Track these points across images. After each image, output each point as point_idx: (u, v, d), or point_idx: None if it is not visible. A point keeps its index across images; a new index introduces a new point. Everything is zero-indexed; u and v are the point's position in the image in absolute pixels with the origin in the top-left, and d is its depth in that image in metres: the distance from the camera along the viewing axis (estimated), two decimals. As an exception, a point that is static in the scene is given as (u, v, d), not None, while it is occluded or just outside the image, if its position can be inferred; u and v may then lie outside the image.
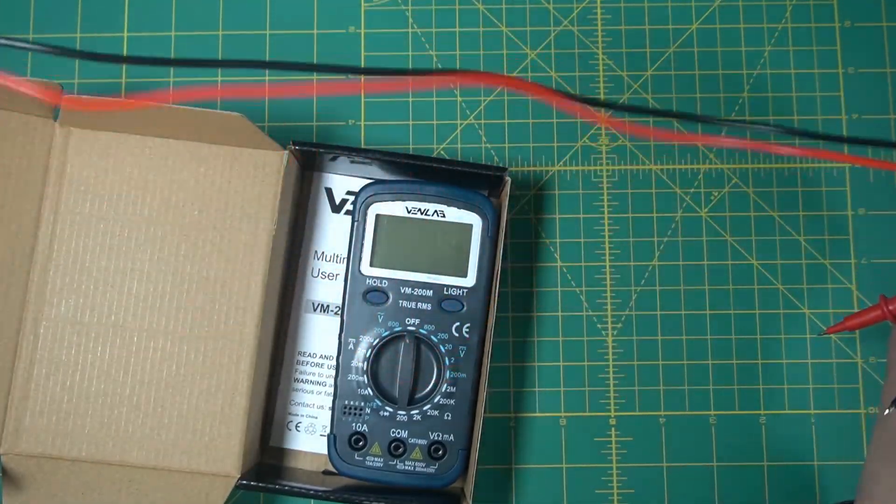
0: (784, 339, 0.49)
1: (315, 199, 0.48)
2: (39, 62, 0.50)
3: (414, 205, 0.45)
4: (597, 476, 0.48)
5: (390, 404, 0.44)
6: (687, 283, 0.49)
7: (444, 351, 0.44)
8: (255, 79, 0.50)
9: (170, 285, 0.44)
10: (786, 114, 0.50)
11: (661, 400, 0.48)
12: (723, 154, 0.50)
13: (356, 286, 0.45)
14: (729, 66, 0.51)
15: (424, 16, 0.51)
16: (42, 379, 0.44)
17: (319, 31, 0.51)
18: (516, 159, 0.50)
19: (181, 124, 0.43)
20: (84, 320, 0.44)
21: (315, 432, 0.47)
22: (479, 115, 0.50)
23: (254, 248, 0.44)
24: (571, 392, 0.48)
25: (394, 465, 0.44)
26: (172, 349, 0.44)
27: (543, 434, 0.48)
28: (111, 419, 0.43)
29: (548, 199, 0.50)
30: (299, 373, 0.47)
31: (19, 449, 0.43)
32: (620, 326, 0.49)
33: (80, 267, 0.44)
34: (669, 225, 0.50)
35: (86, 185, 0.45)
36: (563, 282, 0.49)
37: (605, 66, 0.51)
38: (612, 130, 0.50)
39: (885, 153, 0.50)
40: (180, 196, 0.45)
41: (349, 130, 0.50)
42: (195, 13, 0.51)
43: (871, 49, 0.51)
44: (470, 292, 0.45)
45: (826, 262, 0.49)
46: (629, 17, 0.51)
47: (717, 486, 0.48)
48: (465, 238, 0.45)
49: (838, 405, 0.48)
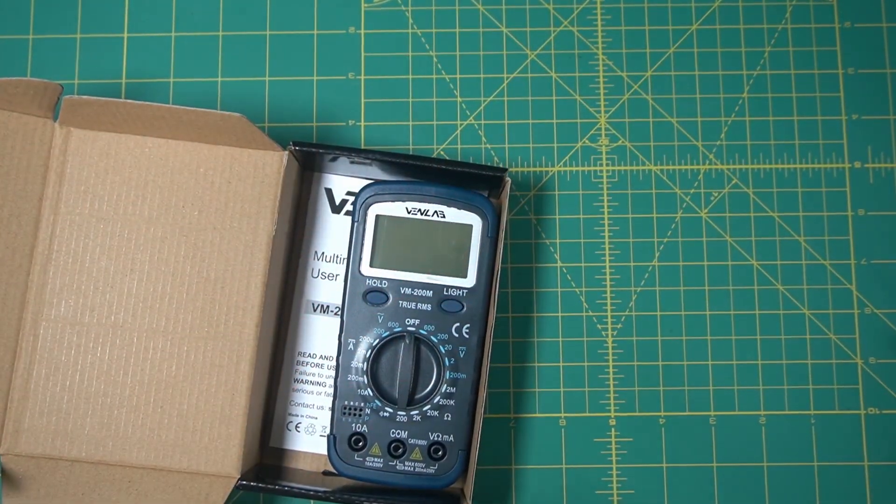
0: (784, 339, 0.49)
1: (315, 200, 0.48)
2: (39, 62, 0.50)
3: (414, 205, 0.45)
4: (597, 476, 0.48)
5: (390, 405, 0.44)
6: (687, 284, 0.49)
7: (443, 351, 0.44)
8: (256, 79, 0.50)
9: (170, 285, 0.44)
10: (786, 114, 0.50)
11: (661, 400, 0.48)
12: (723, 154, 0.50)
13: (356, 286, 0.45)
14: (729, 67, 0.51)
15: (424, 16, 0.51)
16: (42, 379, 0.44)
17: (319, 31, 0.51)
18: (516, 159, 0.50)
19: (181, 124, 0.43)
20: (84, 320, 0.44)
21: (315, 433, 0.47)
22: (479, 115, 0.50)
23: (253, 249, 0.44)
24: (571, 392, 0.48)
25: (393, 465, 0.44)
26: (172, 349, 0.44)
27: (543, 434, 0.48)
28: (111, 419, 0.43)
29: (548, 199, 0.50)
30: (299, 373, 0.47)
31: (19, 449, 0.43)
32: (620, 327, 0.49)
33: (80, 267, 0.44)
34: (669, 225, 0.50)
35: (85, 186, 0.45)
36: (563, 282, 0.49)
37: (605, 66, 0.51)
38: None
39: (885, 153, 0.50)
40: (180, 196, 0.45)
41: (349, 131, 0.50)
42: (195, 13, 0.51)
43: (871, 49, 0.51)
44: (470, 293, 0.45)
45: (826, 262, 0.49)
46: (629, 17, 0.51)
47: (717, 486, 0.48)
48: (465, 238, 0.45)
49: (838, 405, 0.48)
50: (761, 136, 0.50)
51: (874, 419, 0.48)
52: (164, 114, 0.42)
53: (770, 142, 0.50)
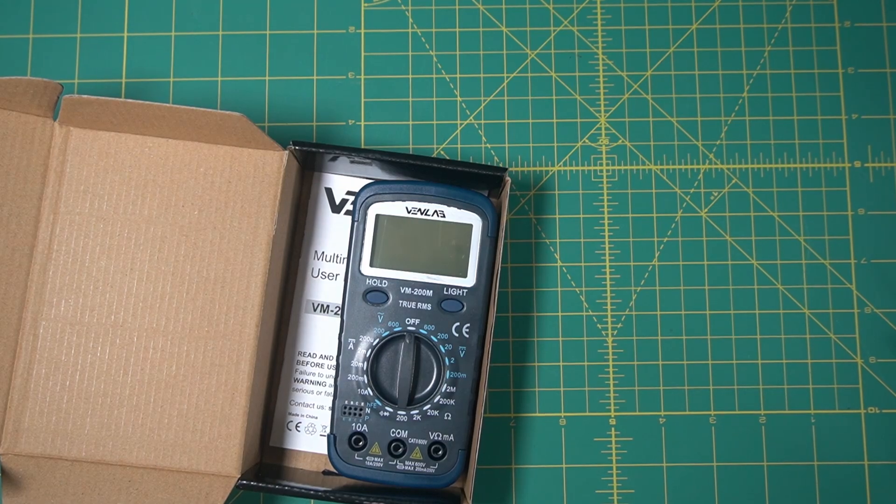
0: (784, 339, 0.49)
1: (315, 199, 0.48)
2: (39, 61, 0.50)
3: (414, 205, 0.45)
4: (597, 476, 0.48)
5: (390, 404, 0.44)
6: (687, 283, 0.49)
7: (443, 351, 0.44)
8: (256, 78, 0.50)
9: (170, 285, 0.44)
10: (786, 114, 0.50)
11: (661, 400, 0.48)
12: (723, 154, 0.50)
13: (356, 286, 0.45)
14: (729, 67, 0.51)
15: (424, 16, 0.51)
16: (42, 379, 0.44)
17: (319, 31, 0.51)
18: (516, 159, 0.50)
19: (181, 124, 0.43)
20: (84, 320, 0.44)
21: (315, 432, 0.47)
22: (479, 115, 0.50)
23: (254, 248, 0.44)
24: (571, 392, 0.48)
25: (394, 465, 0.44)
26: (172, 349, 0.44)
27: (543, 434, 0.48)
28: (111, 419, 0.43)
29: (548, 199, 0.50)
30: (299, 373, 0.47)
31: (19, 449, 0.43)
32: (620, 326, 0.49)
33: (80, 266, 0.44)
34: (669, 225, 0.50)
35: (85, 185, 0.45)
36: (563, 282, 0.49)
37: (605, 66, 0.51)
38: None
39: (885, 153, 0.50)
40: (180, 195, 0.45)
41: (349, 130, 0.50)
42: (195, 13, 0.51)
43: (871, 49, 0.51)
44: (470, 292, 0.45)
45: (826, 262, 0.49)
46: (629, 17, 0.51)
47: (717, 486, 0.48)
48: (465, 238, 0.45)
49: (838, 405, 0.48)
50: (761, 136, 0.50)
51: (874, 418, 0.48)
52: (164, 113, 0.42)
53: (770, 141, 0.50)
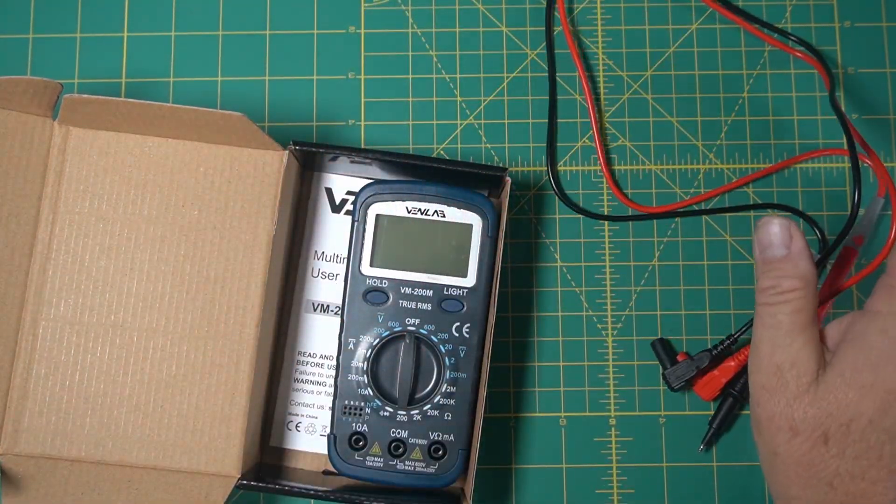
0: (784, 339, 0.49)
1: (315, 199, 0.48)
2: (39, 61, 0.50)
3: (414, 205, 0.45)
4: (597, 476, 0.48)
5: (390, 404, 0.44)
6: (687, 283, 0.49)
7: (444, 351, 0.44)
8: (256, 78, 0.50)
9: (170, 285, 0.44)
10: (786, 114, 0.50)
11: (661, 400, 0.48)
12: (723, 154, 0.50)
13: (356, 286, 0.45)
14: (729, 67, 0.51)
15: (424, 16, 0.51)
16: (41, 379, 0.43)
17: (319, 31, 0.51)
18: (516, 159, 0.50)
19: (181, 124, 0.43)
20: (83, 320, 0.44)
21: (315, 432, 0.47)
22: (479, 115, 0.50)
23: (254, 248, 0.44)
24: (571, 392, 0.48)
25: (394, 465, 0.44)
26: (172, 349, 0.44)
27: (543, 434, 0.48)
28: (111, 419, 0.43)
29: (548, 199, 0.50)
30: (299, 373, 0.47)
31: (18, 449, 0.43)
32: (620, 326, 0.49)
33: (80, 266, 0.44)
34: (669, 225, 0.50)
35: (85, 185, 0.44)
36: (563, 282, 0.49)
37: (605, 66, 0.51)
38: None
39: (885, 153, 0.50)
40: (180, 195, 0.45)
41: (349, 130, 0.50)
42: (195, 13, 0.51)
43: (871, 49, 0.51)
44: (470, 292, 0.45)
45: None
46: (629, 17, 0.51)
47: (717, 486, 0.48)
48: (465, 238, 0.45)
49: (838, 405, 0.48)
50: (761, 136, 0.50)
51: (874, 419, 0.48)
52: (164, 113, 0.42)
53: (770, 141, 0.50)
